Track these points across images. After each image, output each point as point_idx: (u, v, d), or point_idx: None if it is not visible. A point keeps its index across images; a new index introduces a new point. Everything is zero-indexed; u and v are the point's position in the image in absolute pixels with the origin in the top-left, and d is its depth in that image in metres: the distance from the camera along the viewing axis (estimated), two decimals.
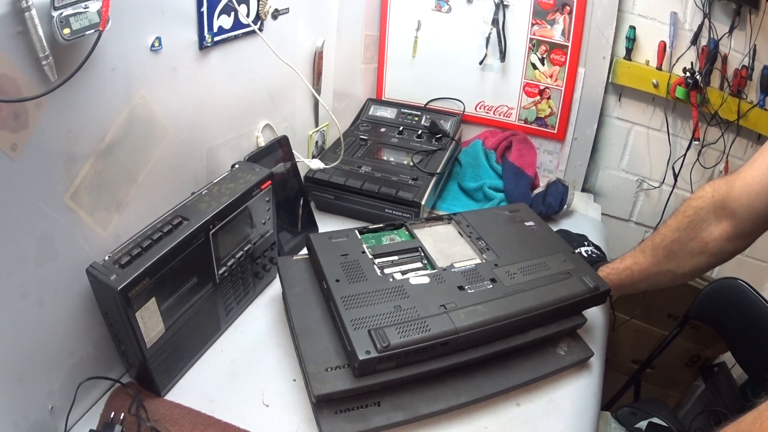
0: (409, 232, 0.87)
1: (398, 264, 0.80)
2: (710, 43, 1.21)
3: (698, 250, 0.78)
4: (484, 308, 0.71)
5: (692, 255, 0.79)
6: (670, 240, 0.81)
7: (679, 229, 0.80)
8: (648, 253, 0.84)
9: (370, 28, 1.38)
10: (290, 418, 0.70)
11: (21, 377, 0.59)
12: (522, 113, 1.38)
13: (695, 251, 0.79)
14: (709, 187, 0.78)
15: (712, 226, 0.77)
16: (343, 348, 0.68)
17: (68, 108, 0.58)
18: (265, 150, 0.95)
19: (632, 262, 0.86)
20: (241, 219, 0.77)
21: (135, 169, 0.72)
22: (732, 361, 1.19)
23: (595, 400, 0.78)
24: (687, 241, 0.79)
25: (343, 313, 0.68)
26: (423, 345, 0.65)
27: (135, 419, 0.66)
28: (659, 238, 0.83)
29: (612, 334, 1.02)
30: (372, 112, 1.38)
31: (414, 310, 0.69)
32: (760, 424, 0.43)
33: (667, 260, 0.82)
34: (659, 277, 0.84)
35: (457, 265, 0.79)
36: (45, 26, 0.51)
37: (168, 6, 0.71)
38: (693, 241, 0.78)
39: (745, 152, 1.31)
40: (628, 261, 0.87)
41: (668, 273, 0.83)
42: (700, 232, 0.78)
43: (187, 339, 0.73)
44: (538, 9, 1.28)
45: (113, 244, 0.66)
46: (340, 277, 0.74)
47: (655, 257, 0.83)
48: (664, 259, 0.82)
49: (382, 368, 0.66)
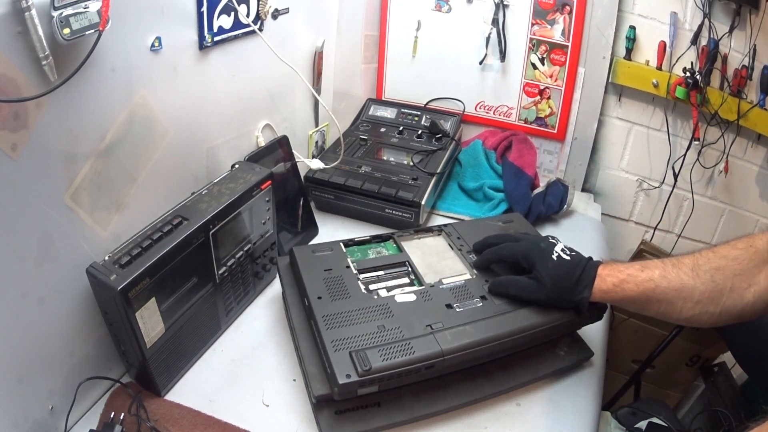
0: (396, 245, 0.85)
1: (384, 279, 0.78)
2: (710, 43, 1.21)
3: (739, 288, 0.66)
4: (472, 329, 0.68)
5: (732, 291, 0.66)
6: (715, 267, 0.67)
7: (727, 258, 0.67)
8: (685, 271, 0.68)
9: (370, 28, 1.38)
10: (290, 418, 0.70)
11: (21, 377, 0.59)
12: (522, 113, 1.38)
13: (735, 288, 0.66)
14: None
15: (763, 272, 0.66)
16: (324, 370, 0.65)
17: (68, 108, 0.58)
18: (265, 150, 0.95)
19: (660, 275, 0.68)
20: (241, 219, 0.77)
21: (135, 169, 0.72)
22: (732, 361, 1.19)
23: (595, 400, 0.78)
24: (732, 275, 0.66)
25: (324, 334, 0.65)
26: (406, 368, 0.63)
27: (135, 419, 0.66)
28: (699, 258, 0.69)
29: (612, 334, 1.02)
30: (372, 112, 1.37)
31: (398, 330, 0.67)
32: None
33: (707, 288, 0.67)
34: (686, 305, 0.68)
35: (446, 281, 0.77)
36: (45, 26, 0.51)
37: (168, 6, 0.71)
38: (738, 276, 0.66)
39: (745, 152, 1.31)
40: (652, 271, 0.68)
41: (698, 304, 0.67)
42: (748, 270, 0.66)
43: (187, 339, 0.73)
44: (538, 9, 1.28)
45: (113, 244, 0.66)
46: (322, 294, 0.71)
47: (695, 280, 0.67)
48: (703, 285, 0.67)
49: (365, 391, 0.64)
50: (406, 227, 0.97)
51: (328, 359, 0.63)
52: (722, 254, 0.68)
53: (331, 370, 0.62)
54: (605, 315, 0.82)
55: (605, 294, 0.70)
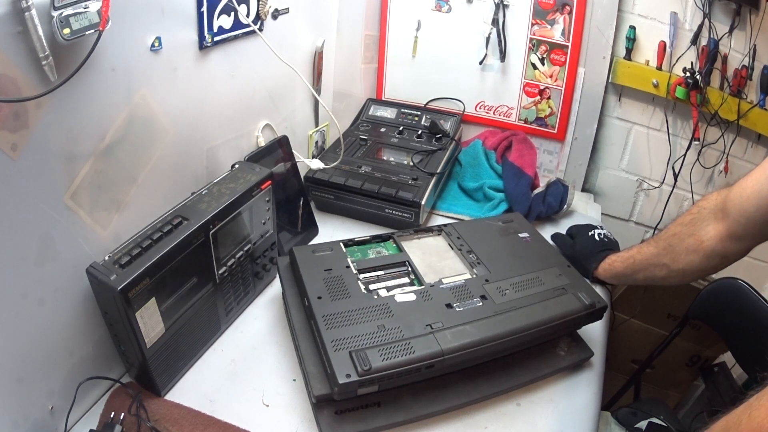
0: (396, 245, 0.85)
1: (384, 279, 0.78)
2: (710, 43, 1.21)
3: (693, 247, 0.80)
4: (472, 328, 0.68)
5: (687, 252, 0.81)
6: (672, 233, 0.84)
7: (682, 224, 0.83)
8: (652, 243, 0.88)
9: (370, 28, 1.38)
10: (290, 418, 0.70)
11: (21, 377, 0.59)
12: (522, 113, 1.38)
13: (690, 248, 0.81)
14: (717, 191, 0.80)
15: (710, 226, 0.79)
16: (324, 370, 0.66)
17: (68, 108, 0.58)
18: (265, 150, 0.95)
19: (636, 251, 0.90)
20: (241, 219, 0.77)
21: (135, 169, 0.72)
22: (732, 361, 1.19)
23: (595, 400, 0.78)
24: (685, 237, 0.81)
25: (324, 333, 0.65)
26: (406, 368, 0.63)
27: (135, 419, 0.66)
28: (664, 231, 0.87)
29: (612, 334, 1.02)
30: (372, 112, 1.37)
31: (398, 330, 0.67)
32: (749, 414, 0.44)
33: (665, 252, 0.84)
34: (655, 270, 0.86)
35: (446, 281, 0.77)
36: (45, 26, 0.51)
37: (168, 6, 0.71)
38: (690, 237, 0.81)
39: (745, 152, 1.31)
40: (633, 250, 0.91)
41: (663, 267, 0.85)
42: (699, 230, 0.80)
43: (187, 339, 0.73)
44: (538, 9, 1.28)
45: (113, 244, 0.66)
46: (322, 294, 0.72)
47: (656, 248, 0.86)
48: (663, 251, 0.85)
49: (365, 391, 0.64)
50: (406, 227, 0.97)
51: (328, 359, 0.63)
52: (678, 222, 0.84)
53: (331, 370, 0.62)
54: (605, 315, 0.82)
55: (605, 271, 0.95)
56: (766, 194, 0.69)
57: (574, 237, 1.05)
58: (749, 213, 0.72)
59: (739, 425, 0.44)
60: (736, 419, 0.45)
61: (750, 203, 0.71)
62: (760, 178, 0.71)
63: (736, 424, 0.45)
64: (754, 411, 0.43)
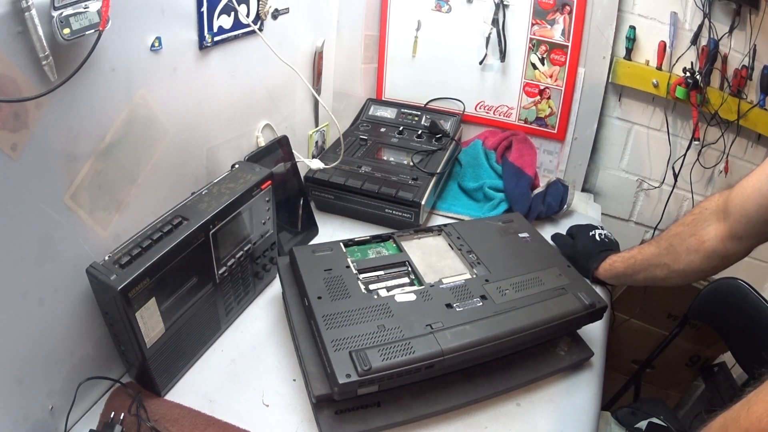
0: (396, 245, 0.85)
1: (384, 279, 0.78)
2: (710, 43, 1.21)
3: (694, 247, 0.80)
4: (472, 328, 0.68)
5: (688, 252, 0.81)
6: (673, 233, 0.84)
7: (684, 224, 0.83)
8: (653, 243, 0.88)
9: (370, 28, 1.38)
10: (290, 418, 0.70)
11: (21, 377, 0.59)
12: (522, 113, 1.38)
13: (691, 248, 0.81)
14: (720, 192, 0.81)
15: (711, 226, 0.79)
16: (324, 370, 0.66)
17: (68, 108, 0.58)
18: (265, 150, 0.94)
19: (637, 252, 0.90)
20: (241, 219, 0.77)
21: (135, 169, 0.72)
22: (732, 361, 1.19)
23: (595, 400, 0.78)
24: (687, 237, 0.81)
25: (324, 333, 0.65)
26: (406, 368, 0.63)
27: (135, 419, 0.66)
28: (665, 231, 0.87)
29: (612, 334, 1.02)
30: (372, 112, 1.37)
31: (398, 330, 0.67)
32: (747, 410, 0.44)
33: (666, 252, 0.84)
34: (656, 270, 0.86)
35: (446, 281, 0.77)
36: (45, 26, 0.51)
37: (168, 6, 0.71)
38: (692, 237, 0.81)
39: (745, 152, 1.31)
40: (634, 250, 0.91)
41: (664, 267, 0.85)
42: (700, 230, 0.80)
43: (187, 339, 0.73)
44: (538, 9, 1.28)
45: (113, 244, 0.66)
46: (322, 294, 0.72)
47: (658, 248, 0.86)
48: (664, 251, 0.85)
49: (365, 391, 0.64)
50: (406, 227, 0.97)
51: (328, 359, 0.63)
52: (680, 222, 0.84)
53: (331, 370, 0.62)
54: (605, 315, 0.82)
55: (606, 272, 0.95)
56: (766, 193, 0.69)
57: (574, 237, 1.05)
58: (750, 212, 0.72)
59: (738, 421, 0.44)
60: (734, 415, 0.45)
61: (751, 203, 0.72)
62: (760, 178, 0.71)
63: (734, 419, 0.45)
64: (753, 406, 0.43)
